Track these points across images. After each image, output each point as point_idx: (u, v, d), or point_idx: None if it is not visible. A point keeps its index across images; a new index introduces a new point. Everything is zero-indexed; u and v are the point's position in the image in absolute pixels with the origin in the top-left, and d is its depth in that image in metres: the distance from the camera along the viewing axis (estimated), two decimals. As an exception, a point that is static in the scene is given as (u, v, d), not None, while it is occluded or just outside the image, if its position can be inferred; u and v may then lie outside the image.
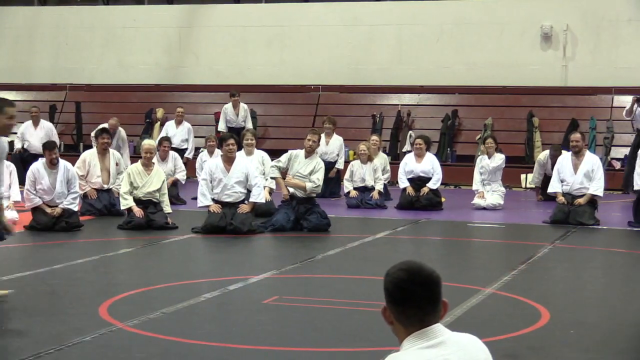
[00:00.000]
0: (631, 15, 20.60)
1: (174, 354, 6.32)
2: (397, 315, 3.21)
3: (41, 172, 12.46)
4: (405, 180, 15.52)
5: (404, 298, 3.19)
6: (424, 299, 3.19)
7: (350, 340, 6.74)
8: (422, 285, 3.19)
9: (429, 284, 3.21)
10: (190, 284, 8.77)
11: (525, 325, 7.09)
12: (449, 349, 3.18)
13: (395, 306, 3.21)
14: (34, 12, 24.85)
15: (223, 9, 23.57)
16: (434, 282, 3.21)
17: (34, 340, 6.57)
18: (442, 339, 3.19)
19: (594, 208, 13.55)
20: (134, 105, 22.68)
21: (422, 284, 3.19)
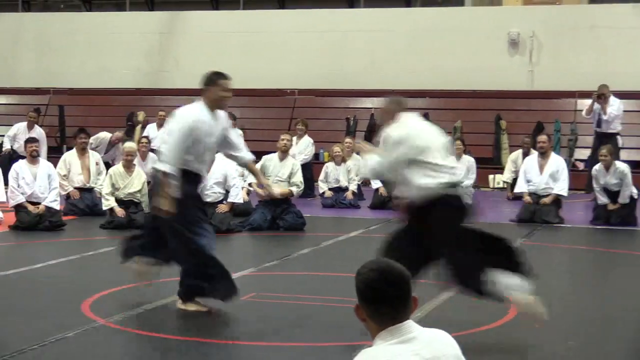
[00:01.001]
0: (593, 22, 20.72)
1: (154, 349, 6.30)
2: (369, 313, 3.22)
3: (23, 168, 12.57)
4: (377, 181, 15.53)
5: (376, 297, 3.19)
6: (396, 298, 3.20)
7: (325, 335, 6.74)
8: (394, 285, 3.20)
9: (400, 283, 3.21)
10: (170, 281, 8.73)
11: (493, 320, 7.11)
12: (419, 344, 3.19)
13: (368, 305, 3.21)
14: (18, 18, 24.71)
15: (202, 15, 23.54)
16: (404, 281, 3.22)
17: (17, 337, 6.52)
18: (413, 335, 3.20)
19: (558, 207, 13.64)
20: (116, 108, 22.58)
21: (394, 284, 3.20)
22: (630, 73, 20.27)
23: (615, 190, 13.27)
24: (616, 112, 16.46)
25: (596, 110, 16.47)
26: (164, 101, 22.28)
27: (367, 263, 3.27)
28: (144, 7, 24.78)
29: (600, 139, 16.45)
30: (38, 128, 18.59)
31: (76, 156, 14.20)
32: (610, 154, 13.34)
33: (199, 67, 24.38)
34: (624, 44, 20.45)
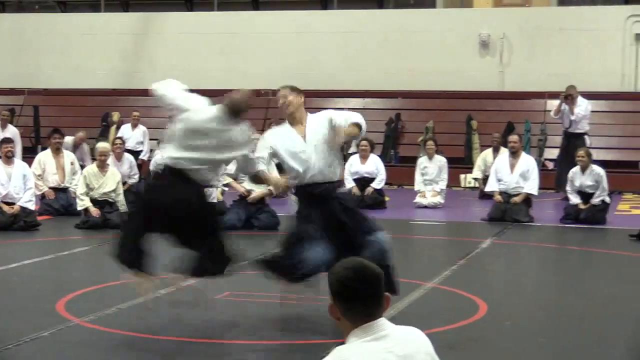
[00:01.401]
0: (563, 24, 20.84)
1: (129, 348, 6.28)
2: (343, 311, 3.22)
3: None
4: (350, 181, 15.55)
5: (350, 295, 3.20)
6: (369, 296, 3.21)
7: (300, 334, 6.73)
8: (367, 283, 3.21)
9: (373, 281, 3.22)
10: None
11: (465, 317, 7.14)
12: (392, 341, 3.19)
13: (342, 303, 3.22)
14: (-7, 19, 24.54)
15: (176, 16, 23.46)
16: (377, 279, 3.23)
17: (-8, 336, 6.48)
18: (386, 332, 3.20)
19: (528, 206, 13.70)
20: (91, 109, 22.47)
21: (367, 282, 3.21)
22: (599, 74, 20.40)
23: (589, 192, 13.32)
24: (584, 112, 16.55)
25: (564, 110, 16.55)
26: (139, 102, 22.18)
27: (341, 262, 3.28)
28: (119, 8, 24.67)
29: (569, 138, 16.55)
30: (12, 127, 18.45)
31: (51, 156, 14.14)
32: (587, 156, 13.41)
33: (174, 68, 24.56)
34: (593, 45, 20.58)
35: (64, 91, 23.22)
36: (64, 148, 14.62)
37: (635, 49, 20.52)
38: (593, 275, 9.80)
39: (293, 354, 6.19)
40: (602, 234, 12.72)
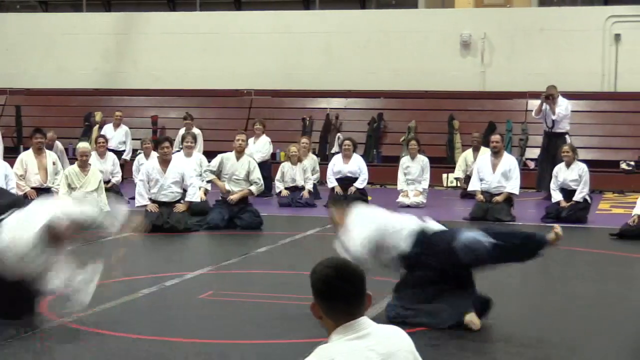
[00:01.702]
0: (543, 25, 20.91)
1: (112, 348, 6.24)
2: (325, 310, 3.22)
3: (-22, 169, 12.38)
4: (333, 180, 15.57)
5: (332, 293, 3.20)
6: (351, 294, 3.21)
7: (283, 333, 6.72)
8: (349, 281, 3.21)
9: (355, 280, 3.23)
10: (128, 280, 8.67)
11: (448, 316, 7.13)
12: (374, 339, 3.19)
13: (324, 301, 3.22)
14: (-25, 18, 24.40)
15: (159, 16, 23.40)
16: (359, 277, 3.24)
17: (-26, 336, 6.42)
18: (368, 331, 3.20)
19: (510, 205, 13.75)
20: (73, 109, 22.39)
21: (349, 280, 3.21)
22: (580, 73, 20.49)
23: (572, 188, 13.43)
24: (564, 112, 16.61)
25: (545, 110, 16.60)
26: (121, 101, 22.15)
27: (322, 261, 3.29)
28: (101, 8, 24.58)
29: (550, 138, 16.60)
30: (-7, 126, 18.38)
31: (33, 156, 14.04)
32: (572, 151, 13.58)
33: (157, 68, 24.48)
34: (573, 45, 20.67)
35: (47, 91, 23.12)
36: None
37: (615, 49, 20.62)
38: (575, 274, 9.83)
39: (275, 353, 6.17)
40: (584, 232, 12.76)
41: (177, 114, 21.91)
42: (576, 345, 6.58)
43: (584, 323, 7.23)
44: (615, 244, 11.49)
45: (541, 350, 6.38)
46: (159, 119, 21.81)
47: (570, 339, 6.74)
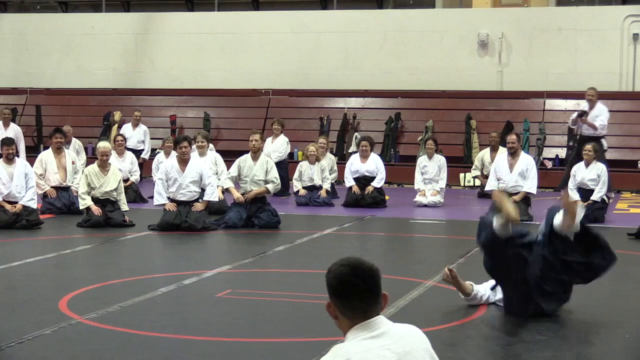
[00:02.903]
0: (561, 24, 20.85)
1: (131, 345, 6.28)
2: (341, 309, 3.23)
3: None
4: (351, 180, 15.57)
5: (348, 292, 3.21)
6: (367, 292, 3.21)
7: (299, 331, 6.74)
8: (364, 279, 3.22)
9: (370, 277, 3.24)
10: (147, 278, 8.72)
11: (464, 315, 7.15)
12: (390, 339, 3.19)
13: (340, 300, 3.22)
14: (-5, 19, 24.55)
15: (177, 16, 23.46)
16: (374, 275, 3.24)
17: (-5, 334, 6.48)
18: (384, 330, 3.20)
19: (527, 205, 13.72)
20: (93, 108, 22.49)
21: (364, 277, 3.22)
22: (597, 73, 20.41)
23: (590, 188, 13.41)
24: (605, 121, 16.53)
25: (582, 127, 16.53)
26: (140, 101, 22.23)
27: (337, 261, 3.29)
28: (120, 9, 24.67)
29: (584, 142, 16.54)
30: (14, 125, 18.49)
31: (52, 155, 14.16)
32: (594, 151, 13.58)
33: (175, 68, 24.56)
34: (591, 45, 20.59)
35: (66, 91, 23.23)
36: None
37: (633, 49, 20.52)
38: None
39: (292, 351, 6.20)
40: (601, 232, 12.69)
41: (196, 114, 21.99)
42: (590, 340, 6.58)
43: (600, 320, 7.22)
44: (633, 243, 11.45)
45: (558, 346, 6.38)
46: (177, 119, 21.87)
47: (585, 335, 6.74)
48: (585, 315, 7.43)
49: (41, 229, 12.19)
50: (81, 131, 20.17)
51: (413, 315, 6.77)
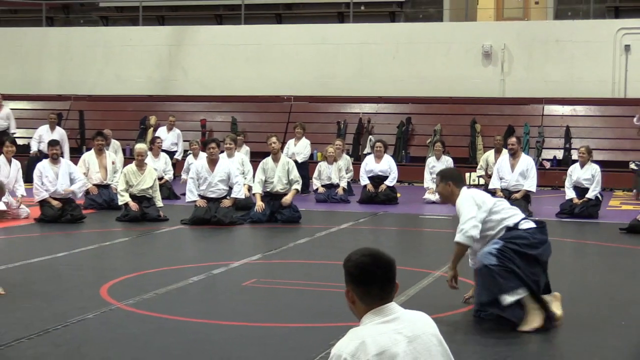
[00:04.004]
0: (558, 36, 20.74)
1: (165, 329, 6.30)
2: (360, 295, 3.23)
3: (46, 167, 12.57)
4: (365, 179, 15.56)
5: (368, 280, 3.21)
6: (385, 281, 3.22)
7: (319, 317, 6.74)
8: (384, 268, 3.23)
9: (389, 267, 3.24)
10: (179, 268, 8.74)
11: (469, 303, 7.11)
12: (402, 323, 3.20)
13: (360, 286, 3.23)
14: (43, 32, 24.65)
15: (208, 29, 23.50)
16: (392, 266, 3.26)
17: (42, 318, 6.51)
18: (396, 315, 3.21)
19: (527, 202, 13.67)
20: (130, 113, 22.55)
21: (384, 267, 3.23)
22: (592, 81, 20.33)
23: (584, 187, 13.39)
24: None
25: None
26: (173, 107, 22.28)
27: (356, 250, 3.29)
28: (156, 22, 24.74)
29: None
30: (59, 129, 18.59)
31: (94, 156, 14.24)
32: (587, 153, 13.54)
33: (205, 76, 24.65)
34: (586, 55, 20.48)
35: (106, 97, 23.32)
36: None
37: (624, 59, 20.40)
38: (586, 265, 9.77)
39: (313, 335, 6.20)
40: (595, 227, 12.67)
41: (224, 118, 22.02)
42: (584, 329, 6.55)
43: (594, 309, 7.18)
44: (624, 237, 11.39)
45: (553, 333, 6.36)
46: (207, 123, 21.91)
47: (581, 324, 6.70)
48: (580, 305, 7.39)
49: (84, 223, 12.24)
50: (120, 134, 20.23)
51: (422, 302, 6.75)
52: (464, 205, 6.55)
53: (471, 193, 6.66)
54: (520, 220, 6.61)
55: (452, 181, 6.71)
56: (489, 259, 6.36)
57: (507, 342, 6.12)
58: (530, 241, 6.45)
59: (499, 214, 6.59)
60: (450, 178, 6.74)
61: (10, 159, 12.65)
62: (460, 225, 6.51)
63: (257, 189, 12.71)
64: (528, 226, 6.55)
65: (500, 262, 6.33)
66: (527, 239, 6.45)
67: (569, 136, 19.65)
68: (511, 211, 6.67)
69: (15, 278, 8.16)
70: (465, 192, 6.67)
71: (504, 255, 6.35)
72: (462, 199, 6.60)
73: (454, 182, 6.71)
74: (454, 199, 6.68)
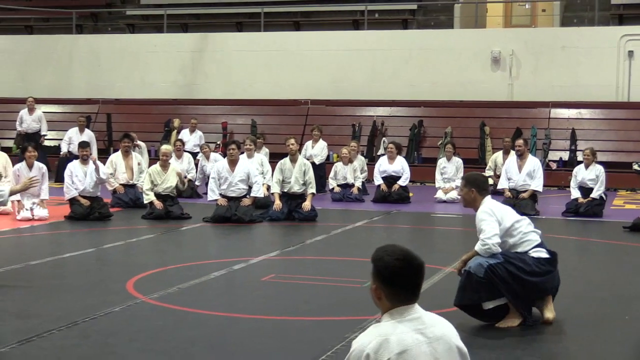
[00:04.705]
0: (564, 43, 20.63)
1: (187, 321, 6.31)
2: (388, 294, 3.18)
3: (76, 167, 12.62)
4: (379, 179, 15.53)
5: (399, 283, 3.17)
6: (415, 284, 3.19)
7: (334, 311, 6.73)
8: (415, 273, 3.19)
9: (420, 272, 3.21)
10: (202, 264, 8.75)
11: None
12: (423, 324, 3.17)
13: (388, 287, 3.18)
14: (73, 39, 24.75)
15: (228, 36, 23.52)
16: (422, 270, 3.22)
17: (70, 311, 6.54)
18: (418, 315, 3.18)
19: (534, 201, 13.60)
20: (155, 116, 22.60)
21: (415, 272, 3.19)
22: (596, 86, 20.20)
23: (589, 187, 13.32)
24: None
25: None
26: (196, 110, 22.32)
27: (388, 250, 3.23)
28: (179, 30, 24.79)
29: None
30: (88, 131, 18.65)
31: (121, 157, 14.28)
32: (592, 154, 13.48)
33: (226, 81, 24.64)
34: (591, 61, 20.36)
35: (133, 101, 23.38)
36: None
37: (628, 64, 20.27)
38: (591, 262, 9.71)
39: (328, 328, 6.18)
40: (600, 225, 12.59)
41: (244, 121, 22.03)
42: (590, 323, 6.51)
43: (599, 304, 7.14)
44: (628, 235, 11.32)
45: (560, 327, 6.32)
46: (228, 125, 21.93)
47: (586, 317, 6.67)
48: (586, 300, 7.35)
49: (111, 220, 12.28)
50: (145, 136, 20.27)
51: (433, 297, 6.72)
52: (487, 220, 6.28)
53: (492, 206, 6.38)
54: (532, 247, 6.36)
55: (476, 188, 6.42)
56: (478, 270, 6.19)
57: (517, 336, 6.09)
58: (532, 269, 6.25)
59: (513, 238, 6.34)
60: (475, 185, 6.45)
61: (33, 163, 12.54)
62: (484, 238, 6.24)
63: (276, 188, 12.69)
64: (538, 255, 6.33)
65: (487, 277, 6.17)
66: (529, 265, 6.25)
67: (575, 138, 19.54)
68: (526, 236, 6.37)
69: (47, 272, 8.20)
70: (487, 204, 6.39)
71: (494, 272, 6.16)
72: (484, 212, 6.33)
73: (477, 189, 6.43)
74: (476, 205, 6.42)
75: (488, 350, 5.69)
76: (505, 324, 6.30)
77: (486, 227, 6.27)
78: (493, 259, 6.24)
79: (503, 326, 6.27)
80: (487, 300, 6.26)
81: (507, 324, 6.29)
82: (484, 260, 6.24)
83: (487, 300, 6.26)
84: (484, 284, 6.19)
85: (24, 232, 11.20)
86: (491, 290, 6.21)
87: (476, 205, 6.44)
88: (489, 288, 6.20)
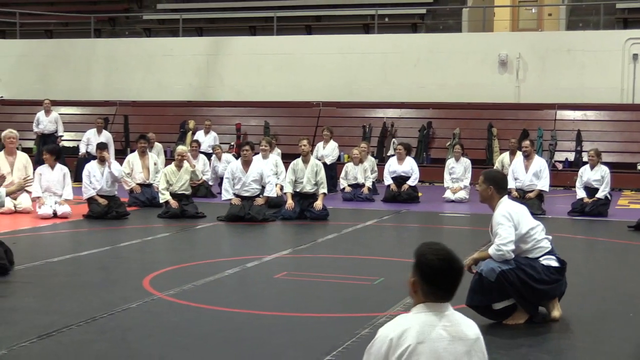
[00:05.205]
0: (570, 46, 20.57)
1: (202, 317, 6.32)
2: (425, 290, 3.20)
3: (94, 167, 12.66)
4: (389, 179, 15.51)
5: (440, 282, 3.19)
6: (454, 285, 3.22)
7: (346, 308, 6.73)
8: (455, 275, 3.21)
9: (459, 274, 3.23)
10: (216, 262, 8.76)
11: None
12: (450, 322, 3.19)
13: (427, 285, 3.20)
14: (91, 43, 24.83)
15: (242, 40, 23.55)
16: (462, 272, 3.24)
17: (89, 307, 6.56)
18: (447, 313, 3.21)
19: (541, 201, 13.57)
20: (171, 117, 22.66)
21: (455, 274, 3.22)
22: (602, 88, 20.13)
23: (594, 187, 13.28)
24: None
25: None
26: (211, 112, 22.35)
27: (433, 248, 3.24)
28: (194, 33, 24.84)
29: None
30: (106, 132, 18.70)
31: (138, 157, 14.32)
32: (597, 155, 13.45)
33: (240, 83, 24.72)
34: (596, 64, 20.29)
35: (149, 103, 23.44)
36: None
37: (633, 67, 20.19)
38: (596, 260, 9.67)
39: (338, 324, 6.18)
40: (605, 225, 12.55)
41: (257, 122, 22.06)
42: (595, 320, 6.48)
43: (603, 302, 7.11)
44: (632, 234, 11.27)
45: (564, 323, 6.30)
46: (242, 127, 21.96)
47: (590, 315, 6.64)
48: (591, 297, 7.33)
49: (128, 219, 12.31)
50: (161, 137, 20.31)
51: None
52: (505, 225, 6.18)
53: (510, 210, 6.25)
54: (543, 254, 6.30)
55: (495, 186, 6.31)
56: (490, 274, 6.14)
57: (524, 333, 6.07)
58: (542, 277, 6.20)
59: (527, 245, 6.25)
60: (493, 182, 6.33)
61: (54, 165, 12.63)
62: (500, 244, 6.17)
63: (288, 188, 12.70)
64: (548, 264, 6.27)
65: (498, 281, 6.13)
66: (539, 273, 6.20)
67: (580, 139, 19.48)
68: (539, 243, 6.29)
69: (66, 269, 8.23)
70: (506, 206, 6.27)
71: (506, 278, 6.12)
72: (503, 217, 6.21)
73: (496, 187, 6.31)
74: (493, 203, 6.31)
75: (495, 347, 5.68)
76: (513, 320, 6.28)
77: (503, 232, 6.18)
78: (505, 264, 6.18)
79: (510, 323, 6.26)
80: (497, 302, 6.24)
81: (514, 321, 6.28)
82: (496, 265, 6.18)
83: (497, 301, 6.24)
84: (494, 287, 6.16)
85: (45, 230, 11.25)
86: (501, 292, 6.18)
87: (492, 204, 6.37)
88: (499, 290, 6.18)
